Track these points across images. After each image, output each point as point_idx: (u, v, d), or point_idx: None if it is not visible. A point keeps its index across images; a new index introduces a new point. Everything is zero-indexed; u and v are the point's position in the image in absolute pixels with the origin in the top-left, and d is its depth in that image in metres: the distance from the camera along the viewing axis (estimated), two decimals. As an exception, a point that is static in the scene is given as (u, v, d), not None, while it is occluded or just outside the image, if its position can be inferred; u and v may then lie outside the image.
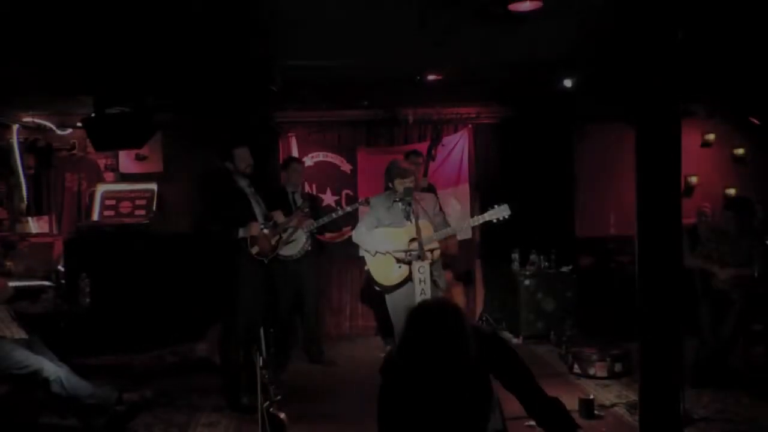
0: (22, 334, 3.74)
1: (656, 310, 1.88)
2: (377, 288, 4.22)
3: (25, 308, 4.23)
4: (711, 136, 6.54)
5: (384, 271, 4.12)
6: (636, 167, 1.87)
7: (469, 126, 6.30)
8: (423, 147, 5.93)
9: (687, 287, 4.68)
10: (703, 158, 6.49)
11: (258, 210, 4.28)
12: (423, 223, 3.96)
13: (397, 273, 4.09)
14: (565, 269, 5.92)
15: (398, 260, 4.06)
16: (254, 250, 4.14)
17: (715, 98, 6.23)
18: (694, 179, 6.43)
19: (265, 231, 4.21)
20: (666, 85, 1.77)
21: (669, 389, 1.84)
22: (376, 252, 4.10)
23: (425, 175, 5.76)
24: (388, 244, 4.08)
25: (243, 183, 4.28)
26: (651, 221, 1.81)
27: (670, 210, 1.78)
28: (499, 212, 3.97)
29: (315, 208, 5.23)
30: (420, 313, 2.02)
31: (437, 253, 4.14)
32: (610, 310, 5.60)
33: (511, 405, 2.39)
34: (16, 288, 4.17)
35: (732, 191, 6.44)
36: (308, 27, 3.42)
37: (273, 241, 4.26)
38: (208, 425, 3.95)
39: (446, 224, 4.26)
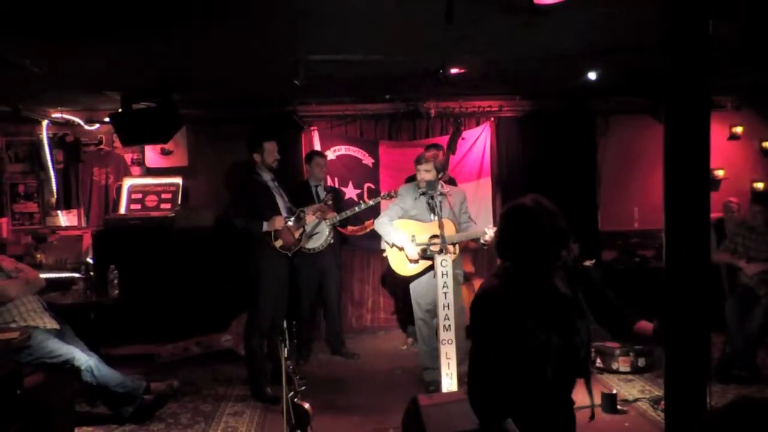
0: (53, 324, 3.85)
1: (683, 305, 1.86)
2: (395, 275, 4.29)
3: (56, 299, 4.36)
4: (738, 129, 6.41)
5: (400, 261, 4.18)
6: (663, 160, 1.85)
7: (492, 119, 6.27)
8: (444, 140, 5.92)
9: (713, 283, 4.63)
10: (730, 151, 6.37)
11: (281, 204, 4.33)
12: (446, 221, 3.99)
13: (413, 266, 4.14)
14: (587, 263, 5.88)
15: (411, 260, 4.10)
16: (278, 243, 4.19)
17: (743, 90, 6.11)
18: (720, 173, 6.32)
19: (289, 224, 4.25)
20: (696, 76, 1.75)
21: (695, 385, 1.82)
22: (393, 244, 4.16)
23: (446, 169, 5.75)
24: (407, 239, 4.11)
25: (267, 177, 4.33)
26: (679, 215, 1.79)
27: (699, 204, 1.76)
28: None
29: (337, 201, 5.27)
30: (516, 208, 2.11)
31: (458, 247, 4.17)
32: (633, 304, 5.54)
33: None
34: (47, 279, 4.30)
35: (760, 185, 6.32)
36: (332, 21, 3.44)
37: (296, 235, 4.31)
38: (233, 414, 4.03)
39: (469, 223, 4.30)
